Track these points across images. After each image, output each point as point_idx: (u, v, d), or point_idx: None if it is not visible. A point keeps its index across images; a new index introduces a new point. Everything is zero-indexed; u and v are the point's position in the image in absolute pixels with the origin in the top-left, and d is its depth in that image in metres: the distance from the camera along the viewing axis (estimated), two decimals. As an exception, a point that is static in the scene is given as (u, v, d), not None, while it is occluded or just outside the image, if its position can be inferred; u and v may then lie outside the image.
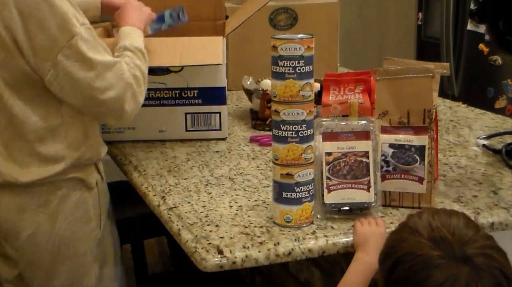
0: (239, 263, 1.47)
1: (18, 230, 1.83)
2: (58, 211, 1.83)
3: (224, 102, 2.23)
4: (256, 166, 1.97)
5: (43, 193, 1.82)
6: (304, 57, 1.52)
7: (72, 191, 1.85)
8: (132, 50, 1.87)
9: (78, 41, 1.71)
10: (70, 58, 1.71)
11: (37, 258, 1.86)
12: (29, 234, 1.83)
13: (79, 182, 1.85)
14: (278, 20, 2.81)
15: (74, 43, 1.71)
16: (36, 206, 1.82)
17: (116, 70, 1.78)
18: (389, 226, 1.57)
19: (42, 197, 1.82)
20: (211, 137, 2.23)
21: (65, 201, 1.84)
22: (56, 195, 1.83)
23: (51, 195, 1.82)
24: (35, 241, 1.84)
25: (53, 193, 1.82)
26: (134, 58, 1.86)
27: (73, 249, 1.87)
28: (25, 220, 1.82)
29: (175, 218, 1.65)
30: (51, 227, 1.84)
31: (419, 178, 1.63)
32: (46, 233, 1.84)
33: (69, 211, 1.85)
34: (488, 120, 2.39)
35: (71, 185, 1.84)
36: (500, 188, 1.77)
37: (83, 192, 1.87)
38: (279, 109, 1.54)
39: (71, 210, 1.85)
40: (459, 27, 3.89)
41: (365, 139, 1.62)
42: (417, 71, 1.64)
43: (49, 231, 1.84)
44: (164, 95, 2.22)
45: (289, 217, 1.57)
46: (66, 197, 1.84)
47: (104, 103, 1.77)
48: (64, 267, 1.88)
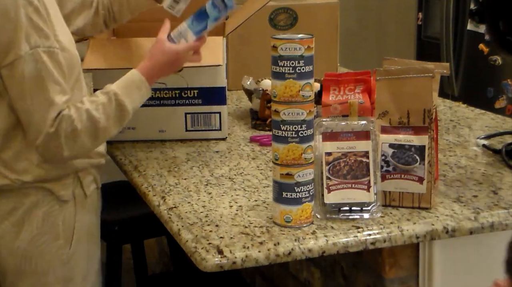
0: (239, 263, 1.47)
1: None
2: (23, 221, 1.73)
3: (224, 102, 2.23)
4: (256, 166, 1.97)
5: (10, 199, 1.72)
6: (304, 57, 1.52)
7: (41, 201, 1.74)
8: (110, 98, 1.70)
9: (19, 65, 1.60)
10: (9, 78, 1.62)
11: (2, 267, 1.76)
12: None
13: (49, 193, 1.75)
14: (278, 20, 2.81)
15: (15, 66, 1.61)
16: (3, 212, 1.73)
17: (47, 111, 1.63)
18: (389, 226, 1.57)
19: (9, 203, 1.73)
20: (211, 137, 2.23)
21: (32, 211, 1.73)
22: (23, 203, 1.73)
23: (19, 202, 1.73)
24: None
25: (21, 200, 1.73)
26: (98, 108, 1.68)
27: (35, 266, 1.75)
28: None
29: (175, 218, 1.65)
30: (14, 237, 1.73)
31: (419, 178, 1.63)
32: (9, 243, 1.74)
33: (35, 223, 1.74)
34: (488, 120, 2.39)
35: (41, 194, 1.74)
36: (500, 188, 1.77)
37: (53, 205, 1.75)
38: (279, 109, 1.54)
39: (38, 222, 1.74)
40: (459, 27, 3.89)
41: (365, 139, 1.62)
42: (417, 71, 1.64)
43: (12, 241, 1.74)
44: (164, 95, 2.22)
45: (289, 217, 1.57)
46: (34, 207, 1.74)
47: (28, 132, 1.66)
48: (24, 284, 1.77)
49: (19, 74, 1.61)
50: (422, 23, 4.18)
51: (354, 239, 1.54)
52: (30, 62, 1.61)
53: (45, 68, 1.62)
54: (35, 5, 1.62)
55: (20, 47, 1.59)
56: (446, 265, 1.64)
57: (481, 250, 1.66)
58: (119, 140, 2.20)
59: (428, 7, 4.14)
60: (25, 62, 1.60)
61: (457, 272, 1.66)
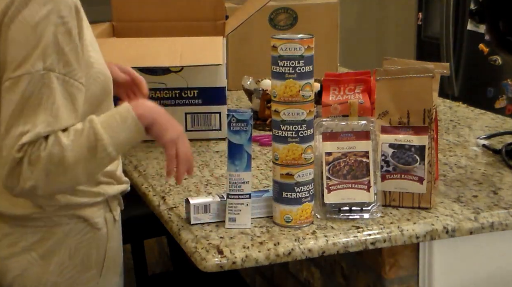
0: (239, 263, 1.47)
1: (6, 269, 1.59)
2: (53, 252, 1.58)
3: (224, 102, 2.23)
4: (256, 166, 1.97)
5: (39, 229, 1.57)
6: (304, 57, 1.52)
7: (74, 230, 1.59)
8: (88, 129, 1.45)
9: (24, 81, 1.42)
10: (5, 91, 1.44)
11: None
12: (17, 275, 1.58)
13: (83, 220, 1.60)
14: (278, 20, 2.81)
15: (21, 80, 1.42)
16: (30, 243, 1.57)
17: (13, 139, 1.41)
18: (389, 226, 1.57)
19: (37, 233, 1.57)
20: (211, 137, 2.23)
21: (64, 241, 1.58)
22: (53, 233, 1.57)
23: (48, 232, 1.57)
24: (23, 284, 1.58)
25: (50, 231, 1.57)
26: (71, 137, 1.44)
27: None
28: (15, 258, 1.57)
29: (175, 218, 1.65)
30: (42, 270, 1.58)
31: (419, 178, 1.63)
32: (35, 276, 1.58)
33: (67, 254, 1.59)
34: (488, 120, 2.39)
35: (74, 222, 1.59)
36: (500, 188, 1.77)
37: (86, 233, 1.61)
38: (279, 109, 1.54)
39: (70, 253, 1.59)
40: (459, 27, 3.89)
41: (365, 139, 1.62)
42: (417, 71, 1.64)
43: (39, 274, 1.58)
44: (164, 95, 2.22)
45: (289, 217, 1.57)
46: (66, 237, 1.58)
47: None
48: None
49: (18, 90, 1.43)
50: (422, 23, 4.19)
51: (354, 239, 1.54)
52: (36, 82, 1.43)
53: (48, 95, 1.43)
54: (68, 27, 1.46)
55: (34, 64, 1.43)
56: (446, 265, 1.64)
57: (481, 250, 1.66)
58: (119, 140, 2.20)
59: (428, 7, 4.14)
60: (31, 81, 1.42)
61: (457, 272, 1.66)
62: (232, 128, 1.55)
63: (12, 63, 1.43)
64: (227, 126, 1.56)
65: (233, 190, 1.57)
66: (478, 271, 1.67)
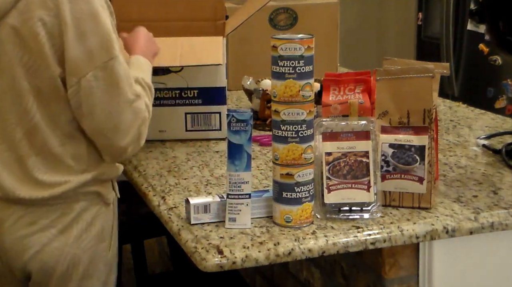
0: (239, 263, 1.47)
1: (25, 247, 1.70)
2: (72, 226, 1.71)
3: (224, 102, 2.23)
4: (256, 166, 1.97)
5: (59, 207, 1.70)
6: (304, 57, 1.52)
7: (91, 204, 1.73)
8: (144, 87, 1.74)
9: (115, 65, 1.63)
10: (99, 80, 1.62)
11: (44, 277, 1.72)
12: (37, 250, 1.70)
13: (98, 196, 1.74)
14: (278, 20, 2.81)
15: (110, 66, 1.62)
16: (49, 220, 1.70)
17: (136, 105, 1.67)
18: (389, 226, 1.57)
19: (57, 211, 1.70)
20: (211, 137, 2.23)
21: (81, 216, 1.72)
22: (73, 208, 1.71)
23: (67, 208, 1.70)
24: (43, 259, 1.70)
25: (70, 206, 1.70)
26: (145, 96, 1.73)
27: (83, 270, 1.73)
28: (35, 235, 1.70)
29: (175, 218, 1.65)
30: (62, 244, 1.70)
31: (419, 178, 1.63)
32: (56, 250, 1.70)
33: (85, 227, 1.72)
34: (488, 120, 2.39)
35: (90, 198, 1.73)
36: (500, 188, 1.77)
37: (100, 208, 1.75)
38: (279, 109, 1.54)
39: (87, 226, 1.73)
40: (459, 27, 3.89)
41: (365, 139, 1.62)
42: (417, 71, 1.64)
43: (60, 248, 1.71)
44: (164, 95, 2.22)
45: (289, 217, 1.57)
46: (84, 211, 1.72)
47: (112, 137, 1.66)
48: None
49: (114, 74, 1.62)
50: (422, 23, 4.19)
51: (354, 239, 1.54)
52: (121, 62, 1.65)
53: (127, 69, 1.68)
54: (111, 11, 1.70)
55: (114, 47, 1.63)
56: (446, 265, 1.64)
57: (481, 250, 1.66)
58: (119, 140, 2.20)
59: (428, 7, 4.14)
60: (119, 62, 1.64)
61: (457, 272, 1.66)
62: (232, 128, 1.55)
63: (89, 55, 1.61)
64: (227, 126, 1.56)
65: (233, 190, 1.57)
66: (478, 271, 1.67)
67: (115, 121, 1.65)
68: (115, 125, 1.65)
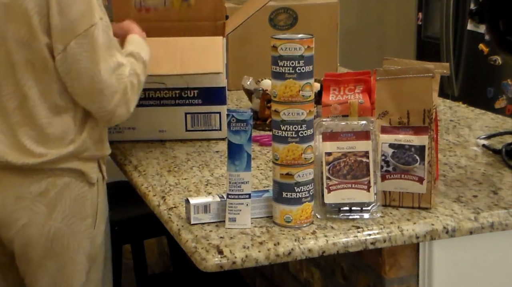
0: (239, 263, 1.47)
1: (13, 219, 1.82)
2: (56, 202, 1.82)
3: (224, 102, 2.23)
4: (256, 166, 1.97)
5: (43, 181, 1.80)
6: (304, 57, 1.52)
7: (73, 183, 1.83)
8: (136, 58, 1.87)
9: (95, 31, 1.73)
10: (82, 47, 1.73)
11: (29, 251, 1.84)
12: (24, 224, 1.81)
13: (80, 175, 1.84)
14: (278, 20, 2.81)
15: (91, 32, 1.73)
16: (35, 194, 1.81)
17: (119, 72, 1.78)
18: (389, 226, 1.57)
19: (42, 185, 1.80)
20: (211, 137, 2.23)
21: (64, 192, 1.82)
22: (56, 184, 1.81)
23: (51, 184, 1.81)
24: (28, 233, 1.82)
25: (53, 182, 1.81)
26: (135, 66, 1.85)
27: (66, 245, 1.85)
28: (22, 208, 1.81)
29: (175, 218, 1.65)
30: (47, 218, 1.82)
31: (419, 178, 1.63)
32: (40, 224, 1.82)
33: (68, 204, 1.83)
34: (488, 120, 2.39)
35: (72, 175, 1.83)
36: (500, 188, 1.77)
37: (83, 186, 1.85)
38: (279, 109, 1.54)
39: (70, 203, 1.83)
40: (459, 27, 3.89)
41: (365, 139, 1.62)
42: (417, 71, 1.64)
43: (44, 222, 1.82)
44: (164, 95, 2.22)
45: (289, 217, 1.57)
46: (66, 188, 1.83)
47: (98, 101, 1.78)
48: (54, 263, 1.85)
49: (94, 40, 1.73)
50: (422, 23, 4.19)
51: (354, 239, 1.54)
52: (101, 30, 1.74)
53: (109, 36, 1.78)
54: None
55: (94, 15, 1.73)
56: (446, 265, 1.64)
57: (481, 250, 1.66)
58: (119, 140, 2.20)
59: (428, 7, 4.14)
60: (98, 29, 1.73)
61: (457, 272, 1.66)
62: (232, 128, 1.55)
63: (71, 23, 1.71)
64: (227, 126, 1.56)
65: (233, 190, 1.57)
66: (478, 271, 1.67)
67: (99, 86, 1.76)
68: (100, 90, 1.76)
